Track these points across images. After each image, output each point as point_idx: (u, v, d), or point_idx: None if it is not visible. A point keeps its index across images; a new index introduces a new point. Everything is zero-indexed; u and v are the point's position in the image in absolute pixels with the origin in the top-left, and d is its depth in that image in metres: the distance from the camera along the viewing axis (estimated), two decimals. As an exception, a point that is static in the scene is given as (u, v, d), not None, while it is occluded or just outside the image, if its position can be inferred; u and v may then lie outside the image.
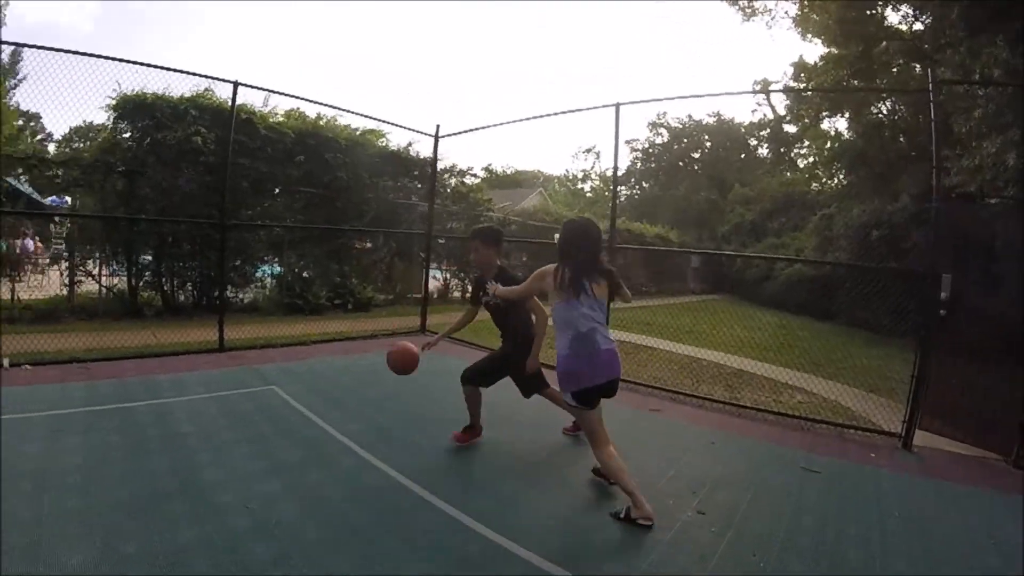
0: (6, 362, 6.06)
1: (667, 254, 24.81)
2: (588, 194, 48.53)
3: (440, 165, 14.43)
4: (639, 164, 43.63)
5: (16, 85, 21.20)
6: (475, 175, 17.77)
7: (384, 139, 12.94)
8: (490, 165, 46.28)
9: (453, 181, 15.85)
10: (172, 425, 4.42)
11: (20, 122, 19.10)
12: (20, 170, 9.45)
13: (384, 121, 12.51)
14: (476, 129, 8.96)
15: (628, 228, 22.88)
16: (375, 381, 6.09)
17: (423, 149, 13.64)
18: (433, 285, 16.28)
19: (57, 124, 22.04)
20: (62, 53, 6.13)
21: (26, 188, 10.50)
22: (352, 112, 9.89)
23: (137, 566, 2.59)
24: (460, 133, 9.28)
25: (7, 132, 16.94)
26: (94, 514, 3.01)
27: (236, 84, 7.25)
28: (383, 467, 3.87)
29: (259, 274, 11.63)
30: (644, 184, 44.01)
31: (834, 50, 16.92)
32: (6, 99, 17.42)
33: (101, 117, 9.60)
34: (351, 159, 11.80)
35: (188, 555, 2.70)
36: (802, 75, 20.84)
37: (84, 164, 9.32)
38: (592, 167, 51.75)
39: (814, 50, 20.35)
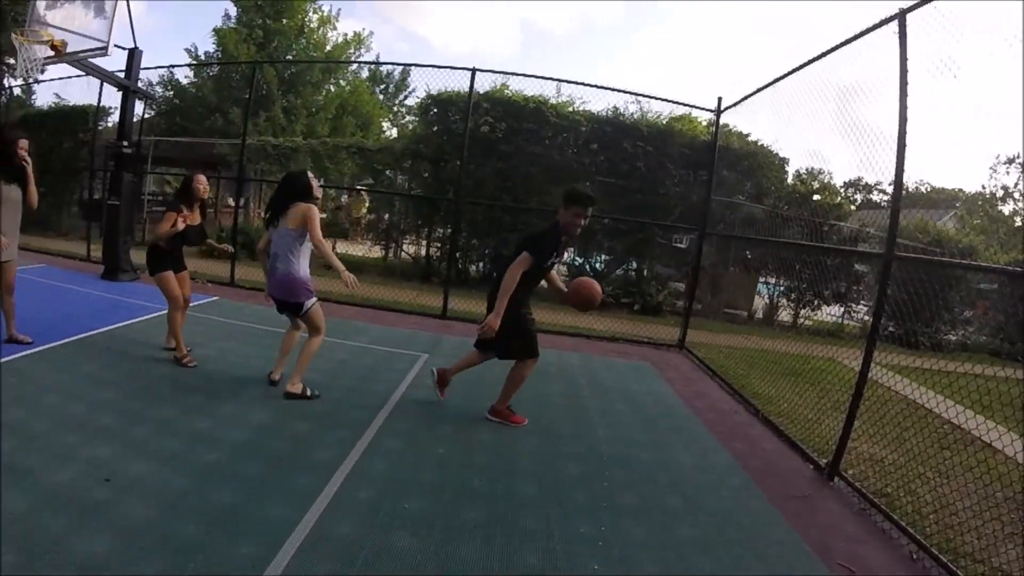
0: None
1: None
2: (1017, 220, 37.83)
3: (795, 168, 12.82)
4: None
5: (407, 96, 27.68)
6: (882, 189, 15.09)
7: (696, 127, 11.75)
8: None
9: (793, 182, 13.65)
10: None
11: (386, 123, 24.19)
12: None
13: (646, 96, 11.27)
14: (761, 90, 6.87)
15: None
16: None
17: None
18: (758, 303, 14.41)
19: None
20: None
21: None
22: (597, 87, 9.64)
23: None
24: (744, 100, 7.44)
25: (375, 129, 21.54)
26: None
27: (473, 71, 7.89)
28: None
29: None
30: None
31: None
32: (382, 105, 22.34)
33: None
34: (655, 148, 11.02)
35: None
36: None
37: (396, 152, 10.75)
38: (1016, 184, 40.49)
39: None
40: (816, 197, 13.49)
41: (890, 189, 4.31)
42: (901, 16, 4.07)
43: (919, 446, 4.61)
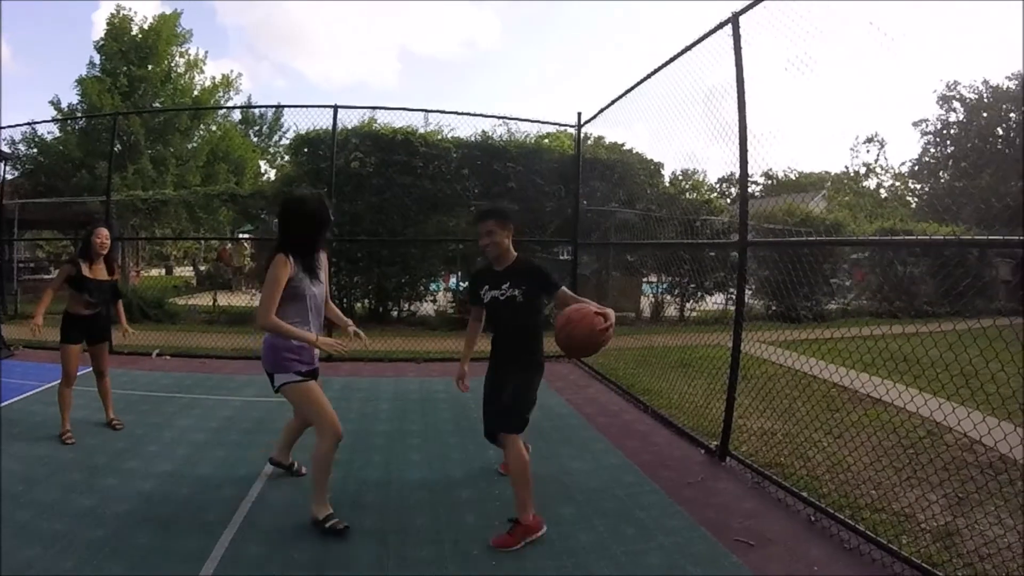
0: (155, 353, 7.75)
1: (962, 263, 18.81)
2: (883, 193, 41.09)
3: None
4: (932, 150, 36.07)
5: (280, 137, 27.59)
6: (754, 181, 15.90)
7: (564, 143, 12.24)
8: (770, 170, 42.44)
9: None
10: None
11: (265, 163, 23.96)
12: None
13: (511, 118, 11.71)
14: (615, 101, 7.21)
15: (908, 228, 18.62)
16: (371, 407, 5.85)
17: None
18: (644, 303, 15.01)
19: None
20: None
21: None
22: (463, 113, 10.93)
23: None
24: (600, 113, 7.79)
25: (250, 173, 21.19)
26: None
27: (335, 107, 7.93)
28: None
29: (433, 289, 11.88)
30: (943, 175, 36.27)
31: None
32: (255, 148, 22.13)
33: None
34: (525, 167, 11.37)
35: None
36: None
37: (269, 196, 10.59)
38: (876, 160, 44.25)
39: None
40: (689, 196, 14.28)
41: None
42: (734, 19, 4.36)
43: (808, 412, 4.79)
